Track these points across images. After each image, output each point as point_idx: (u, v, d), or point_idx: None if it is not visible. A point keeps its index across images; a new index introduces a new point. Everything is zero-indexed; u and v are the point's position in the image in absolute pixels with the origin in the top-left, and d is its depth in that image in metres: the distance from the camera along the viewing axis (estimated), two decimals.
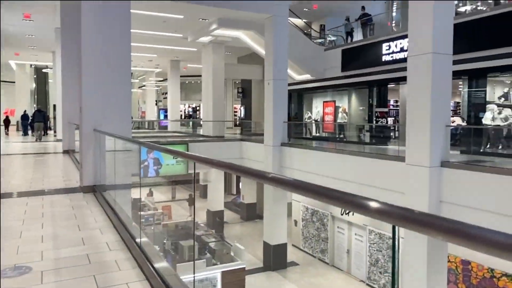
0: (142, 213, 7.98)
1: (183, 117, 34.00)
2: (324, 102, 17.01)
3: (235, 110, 31.79)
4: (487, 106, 11.12)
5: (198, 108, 35.84)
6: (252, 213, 20.46)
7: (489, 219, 7.38)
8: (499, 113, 10.29)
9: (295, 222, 16.44)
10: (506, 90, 15.36)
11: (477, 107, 11.36)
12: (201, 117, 26.78)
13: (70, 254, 3.67)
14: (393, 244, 11.67)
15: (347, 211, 13.47)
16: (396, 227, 10.81)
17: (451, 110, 10.45)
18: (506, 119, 10.25)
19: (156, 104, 34.67)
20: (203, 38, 16.73)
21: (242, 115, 23.99)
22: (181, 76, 26.32)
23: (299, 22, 17.96)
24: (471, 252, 9.18)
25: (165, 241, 13.11)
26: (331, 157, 11.45)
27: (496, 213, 7.25)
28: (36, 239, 4.11)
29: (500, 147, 10.48)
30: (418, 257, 8.14)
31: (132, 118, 9.78)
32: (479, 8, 14.28)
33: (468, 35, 10.37)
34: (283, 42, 13.42)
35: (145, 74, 31.46)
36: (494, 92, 12.20)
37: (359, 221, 13.02)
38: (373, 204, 1.11)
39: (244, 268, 11.83)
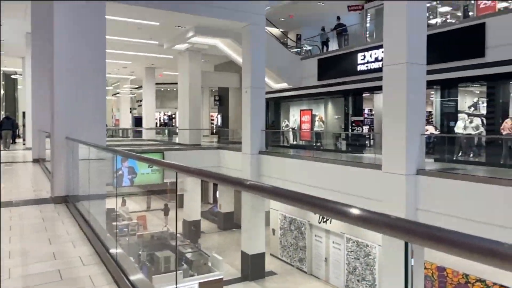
0: (116, 223, 7.72)
1: (158, 125, 33.53)
2: (301, 110, 17.13)
3: (212, 118, 31.63)
4: (458, 115, 11.44)
5: (174, 116, 35.45)
6: (230, 223, 20.27)
7: (464, 226, 7.52)
8: (471, 122, 10.59)
9: (273, 231, 16.37)
10: (475, 100, 15.89)
11: (449, 116, 11.66)
12: (177, 125, 26.50)
13: (41, 270, 3.46)
14: (405, 263, 10.66)
15: (324, 219, 13.50)
16: (409, 244, 10.35)
17: None
18: (477, 128, 10.56)
19: (130, 112, 34.06)
20: (179, 46, 16.58)
21: (219, 123, 23.86)
22: (156, 84, 25.99)
23: (275, 31, 18.09)
24: (447, 258, 9.35)
25: (140, 252, 12.77)
26: (309, 165, 11.48)
27: (470, 220, 7.40)
28: (3, 255, 3.86)
29: (471, 155, 10.77)
30: (396, 264, 8.20)
31: (106, 125, 9.51)
32: (448, 20, 14.76)
33: (440, 46, 10.66)
34: (260, 51, 13.45)
35: (119, 81, 30.90)
36: (465, 101, 12.59)
37: (337, 229, 13.07)
38: (355, 211, 1.11)
39: (222, 278, 11.65)
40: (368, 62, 12.96)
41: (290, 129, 17.45)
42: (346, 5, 16.32)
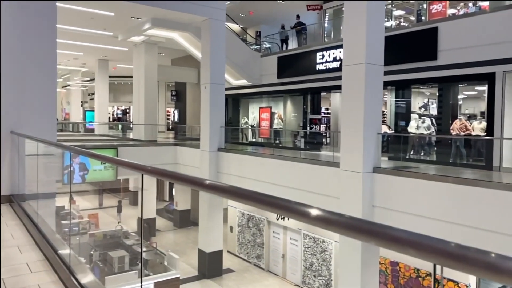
0: (66, 222, 7.26)
1: (111, 119, 32.32)
2: (260, 107, 17.12)
3: (168, 113, 30.94)
4: (411, 115, 11.89)
5: (128, 110, 34.31)
6: (186, 220, 19.96)
7: (417, 222, 7.81)
8: (423, 122, 11.03)
9: (231, 228, 16.27)
10: (425, 101, 16.62)
11: (402, 116, 12.08)
12: (131, 120, 25.67)
13: None
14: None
15: (282, 216, 13.59)
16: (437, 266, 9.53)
17: None
18: (428, 128, 11.01)
19: (81, 106, 32.53)
20: (135, 38, 16.00)
21: (176, 119, 23.34)
22: (109, 77, 24.98)
23: (235, 27, 17.93)
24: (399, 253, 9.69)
25: (92, 252, 12.23)
26: (268, 163, 11.47)
27: (423, 216, 7.69)
28: None
29: (423, 154, 11.24)
30: (352, 261, 8.38)
31: (57, 119, 8.96)
32: (402, 24, 15.31)
33: (395, 49, 10.99)
34: (220, 46, 13.25)
35: (70, 73, 29.38)
36: (417, 102, 13.11)
37: (294, 226, 13.20)
38: (314, 212, 1.12)
39: (179, 277, 11.41)
40: (326, 62, 13.15)
41: (249, 126, 17.39)
42: (305, 4, 16.46)
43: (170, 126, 28.66)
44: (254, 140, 17.67)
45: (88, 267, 9.74)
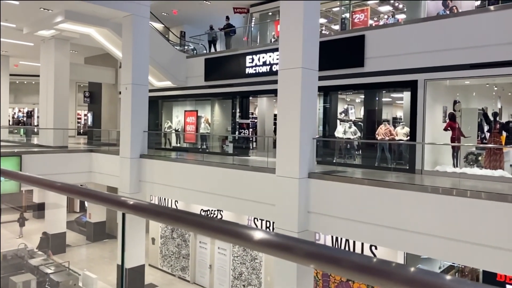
0: None
1: (11, 123, 28.87)
2: (185, 111, 16.34)
3: (79, 116, 28.51)
4: (338, 120, 12.16)
5: (32, 113, 30.93)
6: (101, 233, 18.40)
7: (350, 227, 7.83)
8: (350, 127, 11.31)
9: (153, 240, 15.26)
10: (345, 106, 17.30)
11: (329, 121, 12.28)
12: (38, 124, 23.08)
13: None
14: None
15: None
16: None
17: None
18: (355, 132, 11.32)
19: None
20: (44, 32, 14.29)
21: (89, 123, 21.45)
22: (11, 75, 22.20)
23: (158, 26, 16.97)
24: None
25: None
26: (197, 170, 10.85)
27: (356, 221, 7.73)
28: None
29: (350, 158, 11.52)
30: (288, 270, 8.13)
31: None
32: (323, 32, 15.73)
33: (323, 55, 11.10)
34: (144, 45, 12.32)
35: None
36: (344, 107, 13.48)
37: None
38: (258, 235, 1.04)
39: None
40: (256, 66, 12.92)
41: (173, 131, 16.51)
42: (232, 6, 16.14)
43: (81, 131, 26.41)
44: (178, 145, 16.83)
45: None
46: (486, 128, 10.44)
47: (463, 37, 8.93)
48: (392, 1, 15.06)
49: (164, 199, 14.74)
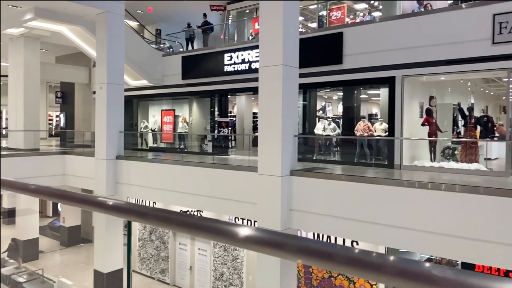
0: None
1: None
2: (162, 110, 16.03)
3: (50, 117, 27.61)
4: (317, 118, 12.19)
5: (1, 114, 29.73)
6: (76, 238, 17.87)
7: (332, 223, 7.83)
8: (329, 124, 11.35)
9: None
10: (323, 104, 17.40)
11: (309, 118, 12.31)
12: (7, 126, 22.20)
13: None
14: None
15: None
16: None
17: None
18: (334, 129, 11.38)
19: None
20: (12, 30, 13.71)
21: (62, 124, 20.79)
22: None
23: (133, 24, 16.59)
24: None
25: None
26: (176, 170, 10.64)
27: (339, 217, 7.74)
28: None
29: (330, 154, 11.57)
30: (271, 268, 8.06)
31: None
32: (300, 30, 15.76)
33: (302, 52, 11.12)
34: (119, 43, 11.98)
35: None
36: (322, 104, 13.53)
37: None
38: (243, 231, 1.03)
39: None
40: (235, 63, 12.78)
41: (150, 131, 16.17)
42: (208, 4, 15.95)
43: (53, 132, 25.57)
44: (155, 145, 16.50)
45: None
46: (461, 122, 10.69)
47: (438, 33, 9.10)
48: None
49: (142, 200, 14.43)
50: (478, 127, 9.64)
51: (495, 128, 10.64)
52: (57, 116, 25.62)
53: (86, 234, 18.06)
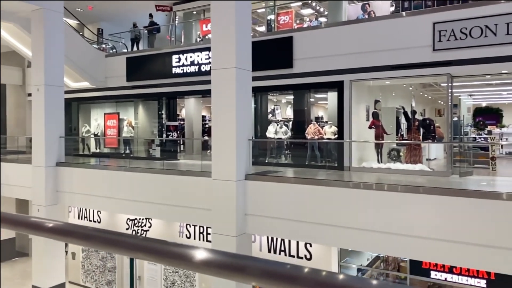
0: None
1: None
2: (105, 113, 15.23)
3: None
4: (269, 120, 12.22)
5: None
6: (10, 251, 16.45)
7: (286, 226, 7.85)
8: (281, 127, 11.42)
9: (73, 254, 14.01)
10: (272, 107, 17.53)
11: (260, 121, 12.29)
12: None
13: None
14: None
15: (138, 233, 12.27)
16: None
17: None
18: (286, 132, 11.46)
19: None
20: None
21: None
22: None
23: (72, 22, 15.61)
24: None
25: None
26: (122, 176, 10.12)
27: (292, 220, 7.76)
28: None
29: (282, 157, 11.64)
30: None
31: None
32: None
33: (253, 56, 11.09)
34: (58, 42, 11.19)
35: None
36: (271, 108, 13.57)
37: None
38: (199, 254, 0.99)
39: None
40: (184, 65, 12.44)
41: (92, 135, 15.30)
42: (153, 4, 15.43)
43: None
44: (98, 151, 15.64)
45: None
46: (404, 125, 11.22)
47: (383, 40, 9.47)
48: (313, 4, 15.58)
49: (85, 209, 13.61)
50: (421, 129, 10.17)
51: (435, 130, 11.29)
52: None
53: (22, 247, 16.75)
